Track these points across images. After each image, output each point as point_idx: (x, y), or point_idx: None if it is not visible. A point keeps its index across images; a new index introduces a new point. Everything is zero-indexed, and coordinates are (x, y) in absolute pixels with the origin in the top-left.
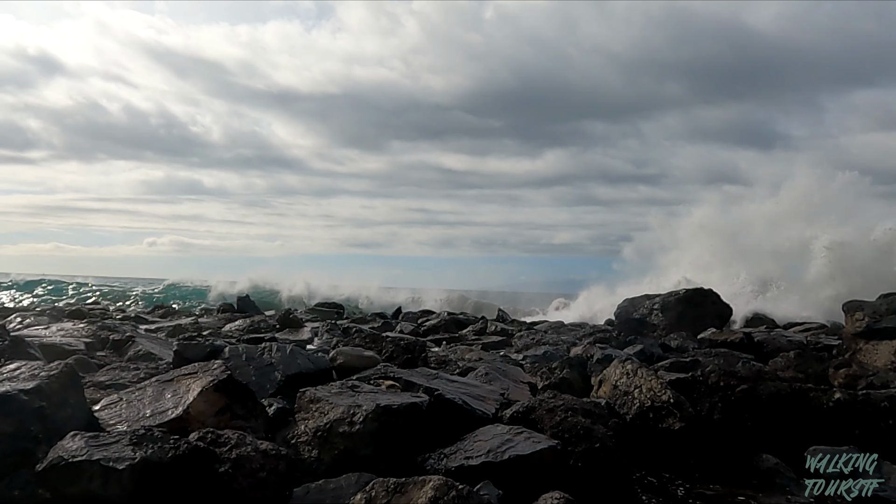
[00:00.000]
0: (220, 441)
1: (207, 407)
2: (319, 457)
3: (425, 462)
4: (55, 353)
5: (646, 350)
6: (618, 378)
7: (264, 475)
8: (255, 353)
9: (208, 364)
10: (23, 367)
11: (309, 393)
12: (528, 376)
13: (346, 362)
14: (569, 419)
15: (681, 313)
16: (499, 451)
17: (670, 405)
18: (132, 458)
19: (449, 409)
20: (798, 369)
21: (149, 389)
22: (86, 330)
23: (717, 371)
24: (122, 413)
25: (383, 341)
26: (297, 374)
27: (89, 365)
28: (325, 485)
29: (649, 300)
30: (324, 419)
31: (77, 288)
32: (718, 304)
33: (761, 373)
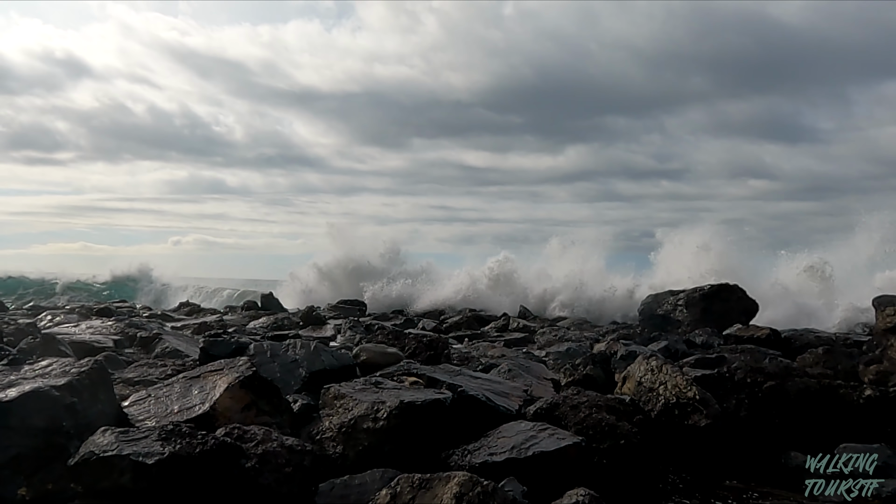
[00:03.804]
0: (247, 437)
1: (233, 403)
2: (344, 452)
3: (449, 458)
4: (85, 350)
5: (670, 346)
6: (642, 374)
7: (290, 470)
8: (280, 350)
9: (234, 361)
10: (54, 364)
11: (333, 389)
12: (552, 373)
13: (369, 359)
14: (593, 416)
15: (705, 309)
16: (523, 447)
17: (696, 402)
18: (161, 452)
19: (472, 405)
20: (827, 365)
21: (176, 386)
22: (114, 327)
23: (744, 367)
24: (151, 409)
25: (406, 338)
26: (321, 371)
27: (118, 362)
28: (350, 480)
29: (673, 296)
30: (348, 415)
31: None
32: (745, 300)
33: (789, 369)
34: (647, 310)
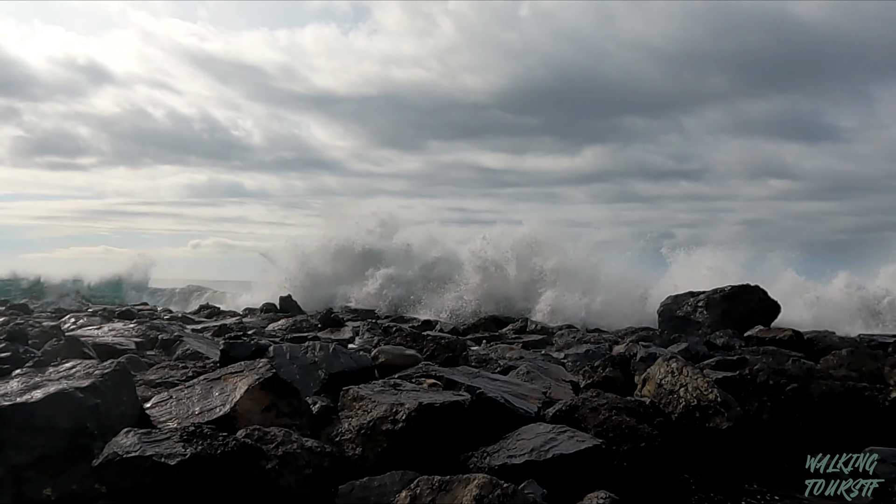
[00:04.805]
0: (267, 438)
1: (253, 405)
2: (363, 454)
3: (468, 460)
4: (108, 352)
5: (690, 348)
6: (662, 376)
7: (310, 472)
8: (299, 352)
9: (254, 363)
10: (78, 366)
11: (352, 391)
12: (570, 375)
13: (387, 361)
14: (613, 418)
15: (726, 310)
16: (542, 449)
17: (717, 404)
18: (183, 454)
19: (491, 407)
20: (851, 367)
21: (197, 387)
22: (136, 330)
23: (766, 369)
24: (172, 410)
25: (424, 340)
26: (339, 373)
27: (140, 364)
28: (369, 482)
29: (693, 297)
30: (367, 417)
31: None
32: (766, 301)
33: (812, 371)
34: (666, 311)
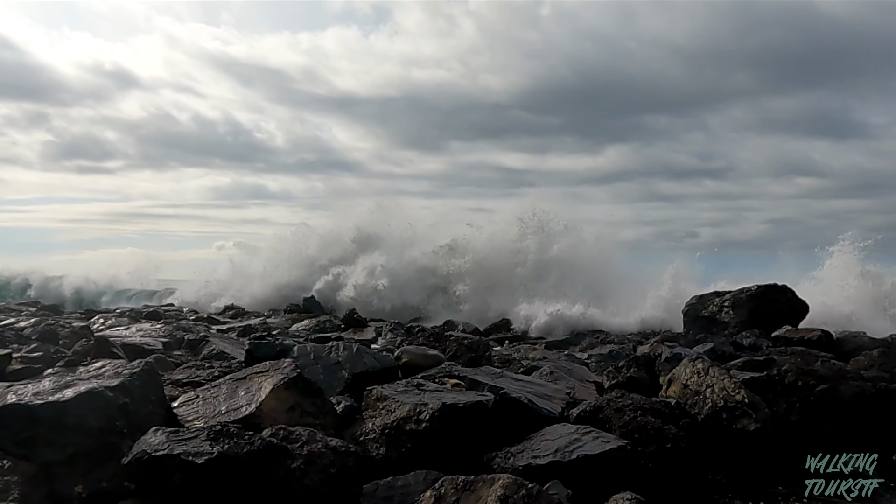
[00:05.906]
0: (292, 437)
1: (278, 404)
2: (387, 454)
3: (492, 461)
4: (136, 352)
5: (716, 348)
6: (688, 377)
7: (335, 471)
8: (323, 353)
9: (279, 363)
10: (107, 366)
11: (376, 391)
12: (594, 375)
13: (410, 361)
14: (638, 419)
15: (752, 310)
16: (566, 450)
17: (745, 405)
18: (210, 452)
19: (515, 407)
20: (882, 368)
21: (223, 387)
22: (163, 330)
23: (795, 370)
24: (199, 409)
25: (447, 340)
26: (363, 373)
27: (167, 363)
28: (393, 482)
29: (719, 297)
30: (391, 417)
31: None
32: (794, 301)
33: (842, 372)
34: (691, 311)
